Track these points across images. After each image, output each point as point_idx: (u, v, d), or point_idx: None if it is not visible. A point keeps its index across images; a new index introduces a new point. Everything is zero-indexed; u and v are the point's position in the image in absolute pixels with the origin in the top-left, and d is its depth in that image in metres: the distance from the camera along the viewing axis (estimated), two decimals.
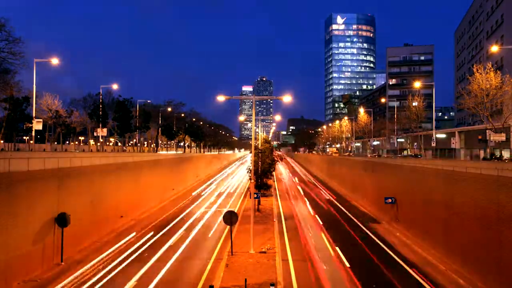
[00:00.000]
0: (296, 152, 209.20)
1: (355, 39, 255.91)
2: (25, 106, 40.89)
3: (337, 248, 29.47)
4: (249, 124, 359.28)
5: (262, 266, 24.22)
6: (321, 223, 39.57)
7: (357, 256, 27.60)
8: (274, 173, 78.00)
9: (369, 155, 77.94)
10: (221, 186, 75.64)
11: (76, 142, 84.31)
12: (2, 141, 49.98)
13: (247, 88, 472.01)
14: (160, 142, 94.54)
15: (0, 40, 34.67)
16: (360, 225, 38.49)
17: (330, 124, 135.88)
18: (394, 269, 24.66)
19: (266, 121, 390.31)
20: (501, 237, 20.08)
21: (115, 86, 53.15)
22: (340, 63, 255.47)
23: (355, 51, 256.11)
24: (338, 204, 52.25)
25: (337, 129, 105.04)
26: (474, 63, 56.21)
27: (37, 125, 38.71)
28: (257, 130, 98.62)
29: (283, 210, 47.02)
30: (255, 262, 24.88)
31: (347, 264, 25.56)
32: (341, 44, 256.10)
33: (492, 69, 33.43)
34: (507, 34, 57.18)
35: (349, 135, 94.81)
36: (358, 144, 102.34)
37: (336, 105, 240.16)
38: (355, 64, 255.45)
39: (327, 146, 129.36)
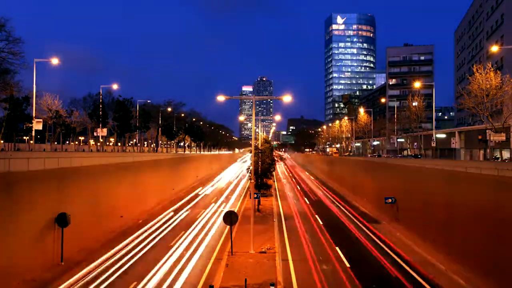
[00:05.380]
0: (296, 152, 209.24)
1: (355, 39, 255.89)
2: (25, 106, 40.83)
3: (337, 248, 29.47)
4: (249, 124, 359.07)
5: (262, 266, 24.21)
6: (321, 223, 39.57)
7: (357, 256, 27.61)
8: (274, 173, 78.00)
9: (369, 155, 77.97)
10: (221, 186, 75.63)
11: (76, 142, 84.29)
12: (2, 141, 49.92)
13: (247, 88, 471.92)
14: (160, 142, 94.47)
15: (0, 40, 34.68)
16: (360, 225, 38.48)
17: (330, 124, 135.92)
18: (394, 269, 24.65)
19: (266, 121, 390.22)
20: (501, 237, 20.08)
21: (115, 86, 53.17)
22: (340, 63, 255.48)
23: (355, 51, 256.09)
24: (338, 204, 52.26)
25: (337, 129, 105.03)
26: (474, 63, 56.26)
27: (37, 125, 38.68)
28: (257, 130, 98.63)
29: (283, 210, 47.02)
30: (255, 262, 24.88)
31: (347, 264, 25.56)
32: (341, 44, 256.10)
33: (492, 69, 33.40)
34: (507, 34, 57.17)
35: (349, 135, 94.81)
36: (358, 144, 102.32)
37: (336, 105, 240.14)
38: (355, 64, 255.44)
39: (327, 146, 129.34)
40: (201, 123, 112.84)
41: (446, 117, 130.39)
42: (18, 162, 21.47)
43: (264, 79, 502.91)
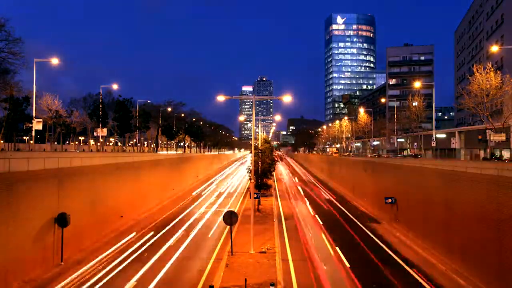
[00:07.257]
0: (296, 152, 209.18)
1: (355, 39, 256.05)
2: (25, 106, 40.82)
3: (337, 248, 29.47)
4: (249, 124, 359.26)
5: (262, 266, 24.21)
6: (321, 223, 39.57)
7: (357, 256, 27.61)
8: (274, 173, 77.98)
9: (369, 155, 77.95)
10: (221, 186, 75.63)
11: (76, 142, 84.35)
12: (2, 141, 49.91)
13: (247, 88, 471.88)
14: (160, 142, 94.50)
15: (0, 40, 34.63)
16: (360, 225, 38.49)
17: (330, 124, 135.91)
18: (394, 269, 24.66)
19: (266, 121, 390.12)
20: (501, 237, 20.07)
21: (115, 86, 53.17)
22: (340, 63, 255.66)
23: (355, 51, 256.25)
24: (338, 204, 52.25)
25: (337, 129, 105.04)
26: (474, 63, 56.21)
27: (37, 125, 38.68)
28: (257, 130, 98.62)
29: (283, 210, 47.02)
30: (255, 262, 24.88)
31: (347, 264, 25.56)
32: (341, 44, 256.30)
33: (492, 69, 33.42)
34: (507, 34, 57.16)
35: (349, 135, 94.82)
36: (358, 144, 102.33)
37: (336, 105, 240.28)
38: (355, 64, 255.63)
39: (327, 146, 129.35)
40: (201, 123, 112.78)
41: (446, 117, 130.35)
42: (18, 162, 21.47)
43: (264, 79, 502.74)
